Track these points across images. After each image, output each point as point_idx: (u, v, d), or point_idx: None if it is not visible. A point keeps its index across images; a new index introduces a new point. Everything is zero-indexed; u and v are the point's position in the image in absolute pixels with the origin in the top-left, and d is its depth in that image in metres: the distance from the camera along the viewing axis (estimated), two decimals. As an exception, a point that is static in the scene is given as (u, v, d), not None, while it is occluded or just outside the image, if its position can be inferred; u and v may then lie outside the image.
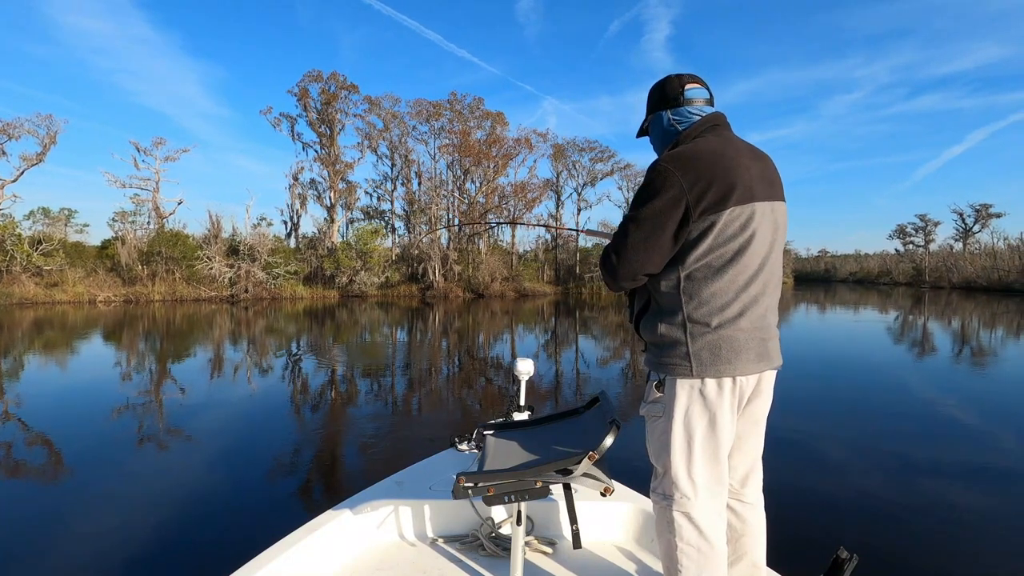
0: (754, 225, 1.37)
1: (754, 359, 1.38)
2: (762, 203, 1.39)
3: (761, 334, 1.41)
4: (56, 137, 26.25)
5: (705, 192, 1.33)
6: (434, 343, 12.27)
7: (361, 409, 6.22)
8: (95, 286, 23.89)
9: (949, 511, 3.50)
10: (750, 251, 1.37)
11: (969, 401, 6.53)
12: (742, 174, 1.37)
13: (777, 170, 1.51)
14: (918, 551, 2.98)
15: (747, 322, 1.38)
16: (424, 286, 30.18)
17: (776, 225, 1.44)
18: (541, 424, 1.81)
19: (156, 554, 2.95)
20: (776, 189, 1.47)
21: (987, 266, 36.65)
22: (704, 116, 1.51)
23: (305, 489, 3.91)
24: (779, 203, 1.47)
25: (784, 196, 1.51)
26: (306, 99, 31.64)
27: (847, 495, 3.74)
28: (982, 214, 47.49)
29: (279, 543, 1.75)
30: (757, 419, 1.51)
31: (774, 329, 1.48)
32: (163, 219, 29.08)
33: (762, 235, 1.39)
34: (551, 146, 36.00)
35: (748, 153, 1.44)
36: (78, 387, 7.50)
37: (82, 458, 4.54)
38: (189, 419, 5.75)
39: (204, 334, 13.54)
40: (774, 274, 1.45)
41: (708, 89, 1.57)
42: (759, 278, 1.40)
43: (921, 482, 3.98)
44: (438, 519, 2.07)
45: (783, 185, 1.52)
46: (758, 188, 1.39)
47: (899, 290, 37.49)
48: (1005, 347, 11.27)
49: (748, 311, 1.38)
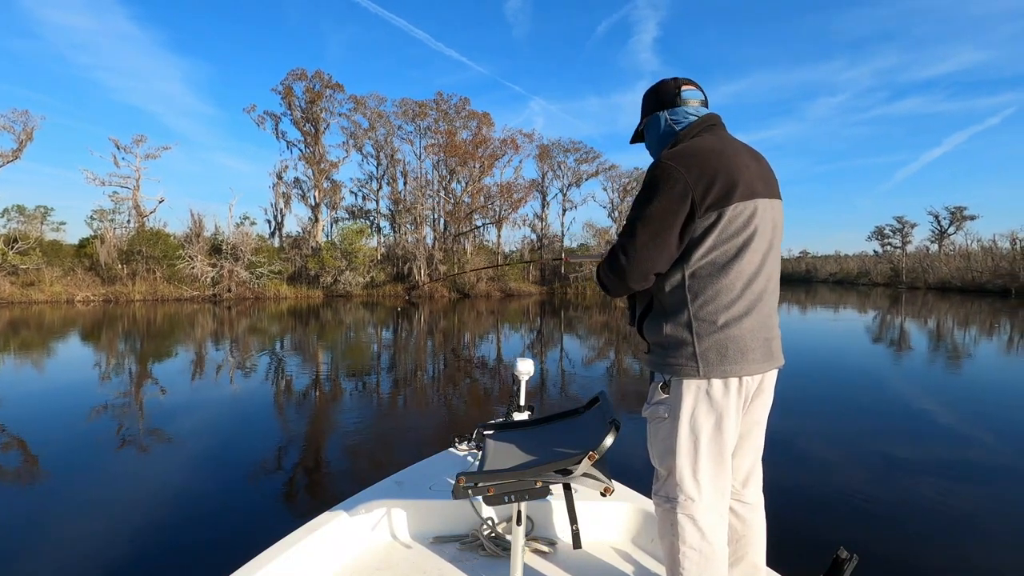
0: (756, 221, 1.38)
1: (760, 358, 1.38)
2: (763, 200, 1.40)
3: (766, 333, 1.41)
4: (33, 133, 25.65)
5: (710, 187, 1.33)
6: (419, 343, 12.21)
7: (344, 410, 6.17)
8: (73, 285, 23.38)
9: (946, 508, 3.55)
10: (752, 247, 1.37)
11: (948, 399, 6.66)
12: (743, 171, 1.38)
13: (772, 170, 1.53)
14: (917, 550, 3.01)
15: (753, 320, 1.38)
16: (409, 286, 30.05)
17: (775, 223, 1.45)
18: (541, 424, 1.81)
19: (138, 560, 2.89)
20: (773, 188, 1.48)
21: (961, 267, 37.46)
22: (701, 116, 1.52)
23: (296, 492, 3.86)
24: (777, 201, 1.48)
25: (780, 195, 1.52)
26: (290, 97, 31.30)
27: (847, 494, 3.76)
28: (957, 216, 48.59)
29: (279, 543, 1.74)
30: (759, 419, 1.51)
31: (777, 328, 1.48)
32: (143, 218, 28.55)
33: (763, 232, 1.40)
34: (537, 147, 36.09)
35: (746, 152, 1.46)
36: (55, 389, 7.33)
37: (59, 461, 4.44)
38: (170, 420, 5.65)
39: (186, 334, 13.32)
40: (774, 272, 1.46)
41: (702, 91, 1.59)
42: (761, 275, 1.40)
43: (921, 481, 4.05)
44: (438, 519, 2.06)
45: (779, 184, 1.53)
46: (758, 185, 1.40)
47: (877, 290, 38.15)
48: (979, 346, 11.54)
49: (754, 309, 1.38)
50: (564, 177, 37.19)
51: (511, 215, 35.11)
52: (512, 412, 2.48)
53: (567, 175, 37.15)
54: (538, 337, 13.52)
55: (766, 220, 1.41)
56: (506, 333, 14.61)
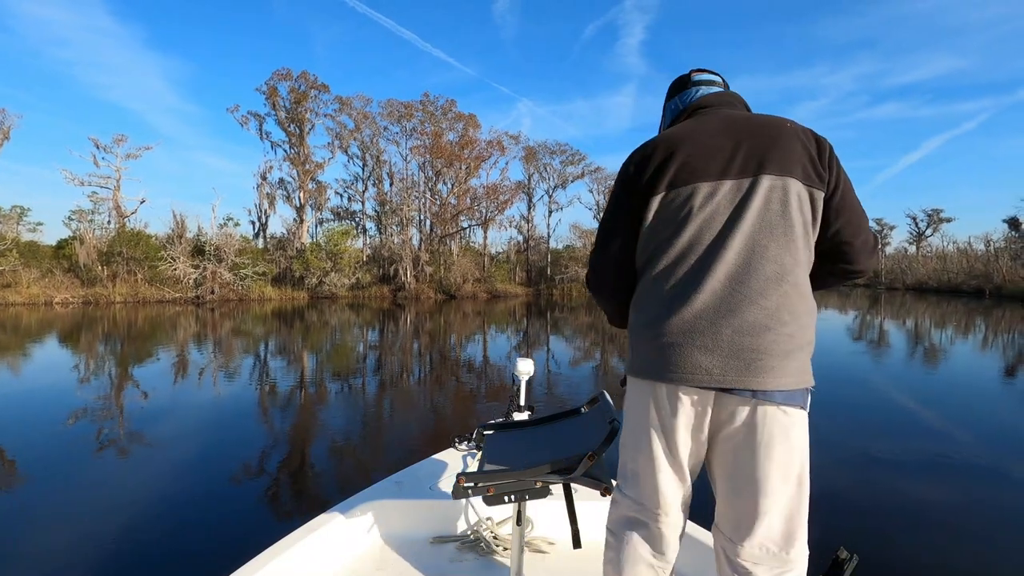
0: (709, 207, 1.21)
1: (690, 368, 1.24)
2: (720, 182, 1.21)
3: (711, 339, 1.21)
4: (9, 132, 25.16)
5: (645, 174, 1.26)
6: (405, 344, 12.16)
7: (332, 412, 6.12)
8: (52, 287, 22.88)
9: (943, 506, 3.59)
10: (690, 236, 1.24)
11: (948, 399, 6.80)
12: (701, 153, 1.23)
13: (793, 140, 1.22)
14: (917, 549, 3.01)
15: (685, 321, 1.25)
16: (395, 287, 29.89)
17: (757, 206, 1.20)
18: (541, 424, 1.81)
19: (123, 569, 2.84)
20: (751, 166, 1.21)
21: (938, 268, 38.26)
22: (695, 101, 1.40)
23: (287, 497, 3.82)
24: (747, 180, 1.21)
25: (784, 170, 1.21)
26: (275, 98, 31.04)
27: (846, 494, 3.76)
28: (934, 219, 49.68)
29: (279, 543, 1.73)
30: (744, 466, 1.26)
31: (751, 337, 1.18)
32: (124, 218, 28.06)
33: (714, 218, 1.21)
34: (523, 148, 36.23)
35: (727, 131, 1.25)
36: (32, 392, 7.17)
37: (38, 467, 4.34)
38: (151, 424, 5.56)
39: (167, 336, 13.11)
40: (753, 266, 1.19)
41: (718, 76, 1.46)
42: (717, 269, 1.21)
43: (916, 478, 4.12)
44: (438, 519, 2.06)
45: (795, 159, 1.21)
46: (712, 166, 1.22)
47: (858, 291, 38.82)
48: (955, 345, 11.80)
49: (694, 308, 1.26)
50: (550, 179, 37.38)
51: (497, 217, 35.16)
52: (512, 412, 2.49)
53: (553, 177, 37.34)
54: (524, 338, 13.54)
55: (722, 204, 1.20)
56: (493, 334, 14.60)
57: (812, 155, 1.21)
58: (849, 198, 1.24)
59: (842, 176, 1.24)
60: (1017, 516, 3.45)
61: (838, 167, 1.24)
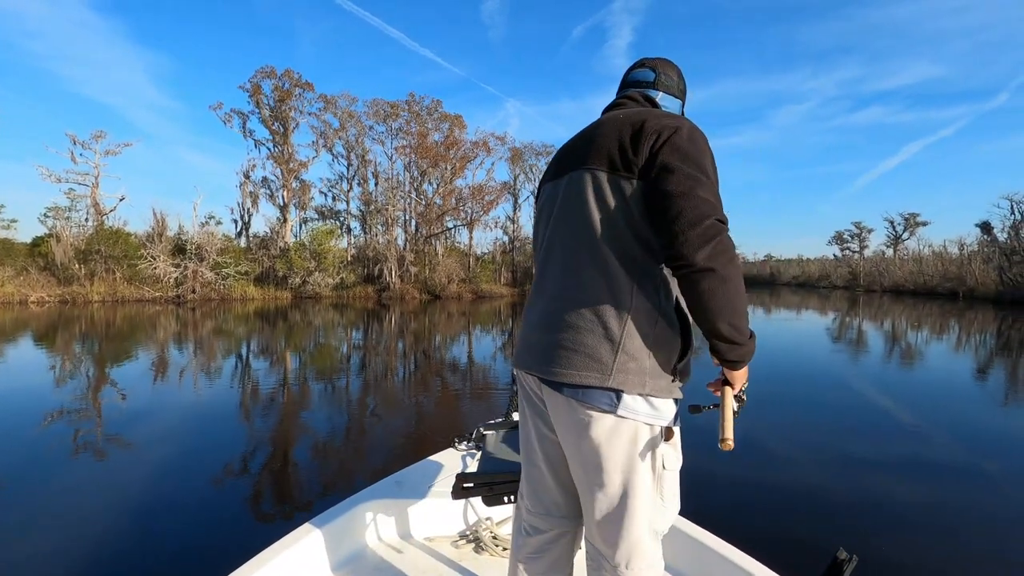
0: (544, 207, 1.35)
1: (521, 354, 1.34)
2: (560, 179, 1.28)
3: (532, 328, 1.30)
4: (-19, 126, 24.47)
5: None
6: (390, 345, 12.08)
7: (314, 414, 6.05)
8: (27, 286, 22.33)
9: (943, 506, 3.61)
10: (539, 237, 1.36)
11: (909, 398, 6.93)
12: (564, 155, 1.31)
13: (611, 130, 1.17)
14: (916, 549, 3.02)
15: (531, 313, 1.33)
16: (380, 287, 29.71)
17: (560, 202, 1.25)
18: None
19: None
20: (579, 158, 1.21)
21: (914, 271, 39.07)
22: (612, 101, 1.38)
23: (269, 500, 3.77)
24: (576, 173, 1.21)
25: (587, 162, 1.18)
26: (259, 96, 30.66)
27: (846, 494, 3.76)
28: (911, 222, 50.74)
29: (278, 543, 1.71)
30: (570, 452, 1.27)
31: (555, 326, 1.19)
32: (103, 216, 27.49)
33: (543, 217, 1.34)
34: (509, 149, 36.26)
35: (591, 128, 1.25)
36: (5, 393, 6.98)
37: (11, 471, 4.22)
38: (130, 426, 5.45)
39: (147, 336, 12.87)
40: (565, 259, 1.21)
41: (651, 69, 1.36)
42: (549, 264, 1.27)
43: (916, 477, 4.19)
44: (438, 519, 2.06)
45: (603, 150, 1.16)
46: (557, 165, 1.32)
47: (837, 293, 39.49)
48: (931, 346, 12.05)
49: (535, 301, 1.32)
50: (536, 180, 37.42)
51: (483, 217, 35.14)
52: (512, 412, 2.48)
53: (538, 177, 37.38)
54: (510, 339, 13.54)
55: (546, 205, 1.33)
56: (478, 334, 14.58)
57: (624, 143, 1.13)
58: (670, 181, 1.06)
59: (667, 159, 1.08)
60: (985, 515, 3.52)
61: (662, 150, 1.09)
